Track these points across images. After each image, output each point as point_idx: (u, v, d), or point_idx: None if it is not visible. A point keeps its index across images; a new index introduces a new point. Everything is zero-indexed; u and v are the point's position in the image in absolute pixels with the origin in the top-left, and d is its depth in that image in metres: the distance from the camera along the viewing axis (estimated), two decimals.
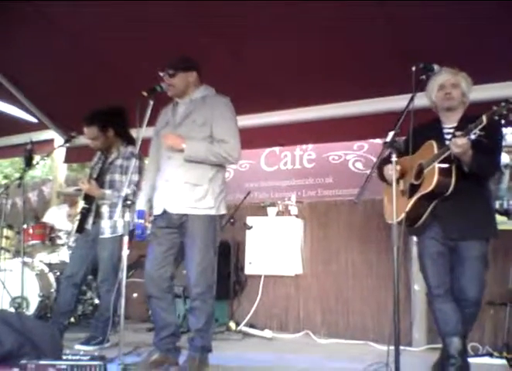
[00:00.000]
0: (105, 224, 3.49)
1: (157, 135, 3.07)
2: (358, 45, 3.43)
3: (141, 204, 3.02)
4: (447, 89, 2.65)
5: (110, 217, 3.49)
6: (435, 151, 2.52)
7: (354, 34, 3.32)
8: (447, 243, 2.64)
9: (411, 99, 2.24)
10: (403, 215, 2.53)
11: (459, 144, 2.35)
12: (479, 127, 2.30)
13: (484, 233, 2.63)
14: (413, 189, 2.63)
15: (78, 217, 3.57)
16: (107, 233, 3.49)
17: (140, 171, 3.49)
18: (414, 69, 2.28)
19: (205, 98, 2.96)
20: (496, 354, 3.30)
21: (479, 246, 2.59)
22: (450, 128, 2.67)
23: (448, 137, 2.63)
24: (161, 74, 2.91)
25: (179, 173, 2.85)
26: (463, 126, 2.44)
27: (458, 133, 2.38)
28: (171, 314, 2.95)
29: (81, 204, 3.53)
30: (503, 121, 2.26)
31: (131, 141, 3.55)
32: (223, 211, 2.95)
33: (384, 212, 2.91)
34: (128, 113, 3.48)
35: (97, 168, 3.58)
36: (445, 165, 2.50)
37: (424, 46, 3.11)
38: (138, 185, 3.48)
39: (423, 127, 2.66)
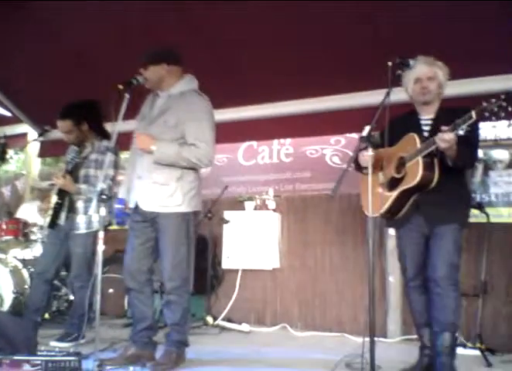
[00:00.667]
0: (80, 219, 3.45)
1: (138, 125, 3.04)
2: (335, 40, 3.44)
3: (122, 193, 3.03)
4: (423, 82, 2.61)
5: (86, 212, 3.44)
6: (418, 144, 2.50)
7: (331, 29, 3.34)
8: (424, 232, 2.63)
9: (387, 94, 2.25)
10: (384, 208, 2.54)
11: (447, 140, 2.33)
12: (468, 122, 2.28)
13: (457, 218, 2.61)
14: (394, 183, 2.61)
15: (50, 212, 3.50)
16: (82, 228, 3.44)
17: (115, 165, 3.46)
18: (390, 64, 2.29)
19: (183, 95, 2.90)
20: (469, 345, 3.36)
21: (451, 230, 2.56)
22: (427, 120, 2.67)
23: (426, 128, 2.64)
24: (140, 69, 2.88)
25: (147, 172, 2.84)
26: (441, 117, 2.42)
27: (444, 128, 2.35)
28: (149, 308, 2.95)
29: (54, 199, 3.45)
30: (493, 118, 2.24)
31: (105, 135, 3.50)
32: (195, 208, 2.93)
33: (362, 204, 2.82)
34: (102, 107, 3.43)
35: (73, 163, 3.53)
36: (429, 160, 2.48)
37: (401, 41, 3.13)
38: (113, 179, 3.45)
39: (400, 120, 2.66)
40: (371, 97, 3.47)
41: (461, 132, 2.31)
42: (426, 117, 2.68)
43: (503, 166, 3.89)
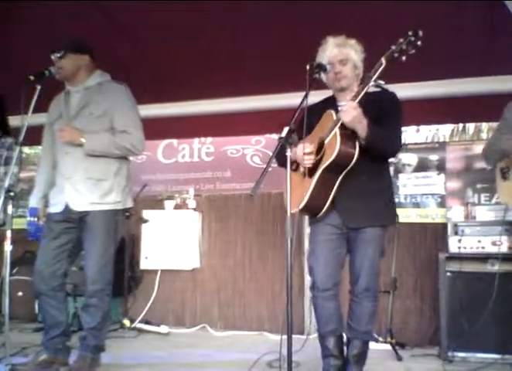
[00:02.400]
0: None
1: (50, 127, 2.89)
2: (258, 40, 3.47)
3: (34, 201, 2.85)
4: (336, 67, 2.41)
5: None
6: (335, 118, 2.32)
7: (251, 29, 3.35)
8: (341, 231, 2.44)
9: (305, 96, 2.27)
10: (305, 200, 2.35)
11: (348, 110, 2.19)
12: (380, 70, 2.15)
13: (381, 220, 2.45)
14: (314, 167, 2.38)
15: None
16: None
17: (20, 162, 3.29)
18: (308, 67, 2.33)
19: (101, 85, 2.81)
20: (380, 339, 3.50)
21: (374, 235, 2.42)
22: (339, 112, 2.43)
23: None
24: (51, 56, 2.74)
25: (79, 168, 2.71)
26: (361, 100, 2.23)
27: (348, 98, 2.25)
28: (62, 313, 2.81)
29: None
30: (403, 58, 2.10)
31: (8, 131, 3.35)
32: (129, 204, 2.87)
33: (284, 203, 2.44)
34: (8, 99, 3.25)
35: None
36: (349, 132, 2.27)
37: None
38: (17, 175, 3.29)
39: (317, 106, 2.50)
40: (291, 99, 3.53)
41: (373, 84, 2.18)
42: (345, 102, 2.42)
43: (411, 169, 4.13)
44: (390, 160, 2.80)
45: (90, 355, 2.74)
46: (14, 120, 3.38)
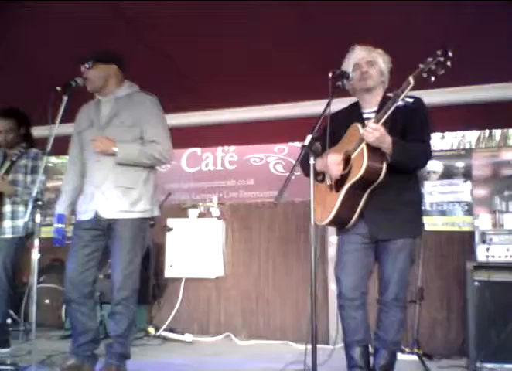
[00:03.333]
0: (6, 224, 3.29)
1: (79, 135, 2.95)
2: (280, 49, 3.48)
3: (61, 208, 2.90)
4: (363, 67, 2.41)
5: (12, 217, 3.30)
6: (361, 132, 2.27)
7: (274, 39, 3.37)
8: (370, 241, 2.42)
9: (328, 104, 2.27)
10: (331, 214, 2.35)
11: (370, 131, 2.16)
12: (407, 89, 2.12)
13: (411, 230, 2.43)
14: (341, 181, 2.36)
15: None
16: (7, 232, 3.29)
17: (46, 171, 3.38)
18: (330, 75, 2.32)
19: (131, 96, 2.87)
20: (407, 350, 3.43)
21: (404, 244, 2.39)
22: (370, 113, 2.45)
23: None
24: (81, 68, 2.80)
25: (110, 177, 2.75)
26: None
27: (372, 119, 2.22)
28: (91, 320, 2.85)
29: None
30: (432, 78, 2.07)
31: (32, 143, 3.47)
32: (156, 212, 2.91)
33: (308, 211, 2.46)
34: (33, 111, 3.35)
35: (5, 166, 3.39)
36: (376, 148, 2.24)
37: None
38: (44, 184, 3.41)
39: (340, 114, 2.51)
40: (314, 107, 3.53)
41: (401, 103, 2.15)
42: (369, 110, 2.47)
43: (437, 177, 4.07)
44: None
45: (116, 363, 2.76)
46: (40, 131, 3.47)
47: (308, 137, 2.16)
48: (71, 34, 3.44)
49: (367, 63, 2.42)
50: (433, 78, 2.08)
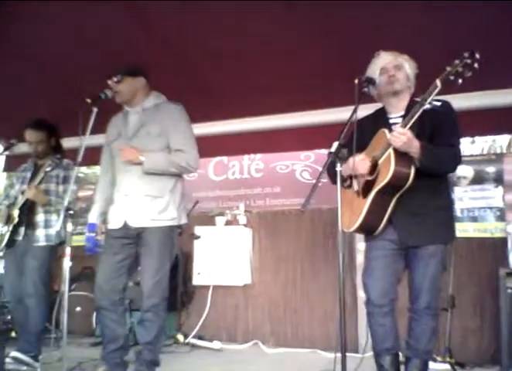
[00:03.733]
0: (40, 233, 3.35)
1: (108, 146, 3.01)
2: (306, 57, 3.49)
3: (93, 217, 2.95)
4: (390, 71, 2.40)
5: (45, 226, 3.36)
6: (388, 137, 2.25)
7: (299, 46, 3.38)
8: (401, 246, 2.37)
9: (354, 110, 2.26)
10: (359, 221, 2.32)
11: (397, 136, 2.14)
12: (435, 92, 2.10)
13: (443, 236, 2.39)
14: (368, 187, 2.34)
15: (9, 228, 3.38)
16: (41, 241, 3.33)
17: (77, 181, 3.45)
18: (356, 81, 2.31)
19: (158, 106, 2.92)
20: (439, 359, 3.37)
21: (436, 250, 2.35)
22: (397, 117, 2.43)
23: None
24: (109, 82, 2.86)
25: (138, 186, 2.80)
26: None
27: (399, 124, 2.20)
28: (121, 327, 2.88)
29: (16, 213, 3.34)
30: (460, 81, 2.05)
31: (63, 153, 3.51)
32: (184, 220, 2.94)
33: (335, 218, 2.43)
34: (64, 122, 3.43)
35: (27, 177, 3.48)
36: (404, 153, 2.21)
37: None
38: (76, 194, 3.48)
39: (367, 120, 2.50)
40: (340, 114, 3.52)
41: (428, 106, 2.13)
42: (395, 114, 2.45)
43: (467, 182, 4.00)
44: None
45: (146, 370, 2.78)
46: (71, 142, 3.55)
47: (335, 144, 2.16)
48: (100, 47, 3.52)
49: (394, 67, 2.41)
50: (460, 80, 2.06)
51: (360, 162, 2.36)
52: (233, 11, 3.05)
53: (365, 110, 2.52)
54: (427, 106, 2.14)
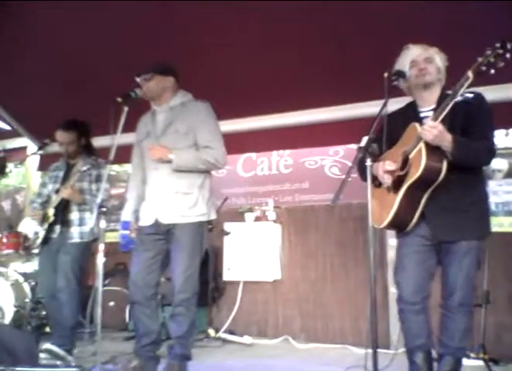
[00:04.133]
0: (74, 230, 3.42)
1: (139, 145, 3.07)
2: (333, 51, 3.47)
3: (127, 215, 3.01)
4: (420, 64, 2.35)
5: (80, 224, 3.43)
6: (419, 131, 2.22)
7: (328, 41, 3.36)
8: (434, 242, 2.34)
9: (384, 104, 2.23)
10: (390, 217, 2.30)
11: (428, 129, 2.11)
12: (466, 85, 2.05)
13: (477, 232, 2.33)
14: (399, 182, 2.30)
15: (45, 227, 3.45)
16: (75, 237, 3.41)
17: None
18: (386, 75, 2.28)
19: (184, 104, 2.96)
20: (472, 355, 3.31)
21: (470, 246, 2.29)
22: (428, 111, 2.38)
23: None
24: (137, 79, 2.90)
25: (168, 183, 2.85)
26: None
27: (430, 117, 2.16)
28: (154, 322, 2.94)
29: (52, 211, 3.42)
30: (492, 71, 2.01)
31: (94, 152, 3.61)
32: (213, 216, 2.98)
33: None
34: (95, 122, 3.49)
35: (60, 177, 3.55)
36: (435, 146, 2.17)
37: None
38: (108, 192, 3.52)
39: (397, 114, 2.46)
40: (369, 108, 3.49)
41: (460, 98, 2.09)
42: (426, 108, 2.40)
43: (502, 175, 3.90)
44: None
45: (178, 364, 2.82)
46: (103, 141, 3.61)
47: (365, 139, 2.14)
48: (129, 45, 3.58)
49: (425, 60, 2.37)
50: (493, 71, 2.01)
51: (388, 164, 2.34)
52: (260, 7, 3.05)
53: (395, 104, 2.49)
54: (458, 98, 2.10)
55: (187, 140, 2.88)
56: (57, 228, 3.42)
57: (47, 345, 3.24)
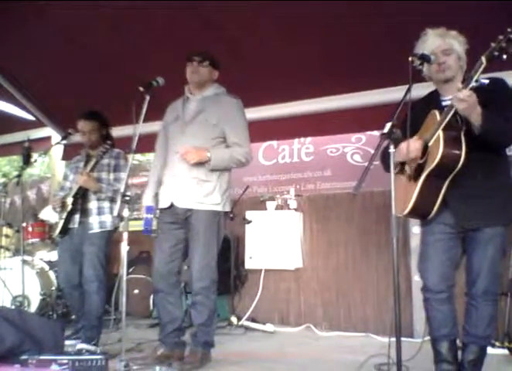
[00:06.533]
0: (94, 220, 3.42)
1: (165, 129, 3.09)
2: (353, 38, 3.42)
3: (148, 200, 3.04)
4: (439, 58, 2.29)
5: (99, 213, 3.44)
6: (438, 118, 2.19)
7: (349, 27, 3.31)
8: (458, 230, 2.30)
9: (408, 90, 2.18)
10: (410, 205, 2.26)
11: (462, 98, 2.04)
12: (480, 70, 2.02)
13: (502, 218, 2.27)
14: (419, 170, 2.27)
15: (63, 216, 3.45)
16: (95, 227, 3.41)
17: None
18: (410, 59, 2.24)
19: (217, 96, 3.00)
20: (497, 344, 3.29)
21: (494, 235, 2.25)
22: (451, 100, 2.27)
23: None
24: (193, 58, 2.93)
25: (186, 168, 2.88)
26: None
27: (459, 86, 2.08)
28: (178, 309, 2.98)
29: (70, 200, 3.41)
30: (504, 56, 1.96)
31: (113, 142, 3.58)
32: (227, 208, 2.99)
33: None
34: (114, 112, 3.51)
35: (80, 167, 3.57)
36: (454, 133, 2.15)
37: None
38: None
39: (420, 102, 2.41)
40: (392, 94, 3.44)
41: (475, 84, 2.04)
42: (449, 96, 2.31)
43: None
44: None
45: (201, 350, 2.86)
46: (125, 130, 3.63)
47: (388, 125, 2.11)
48: (152, 38, 3.58)
49: (443, 52, 2.30)
50: (505, 56, 1.96)
51: (413, 143, 2.29)
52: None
53: (418, 90, 2.43)
54: (473, 84, 2.05)
55: (214, 131, 2.90)
56: (76, 218, 3.42)
57: (79, 345, 3.24)
